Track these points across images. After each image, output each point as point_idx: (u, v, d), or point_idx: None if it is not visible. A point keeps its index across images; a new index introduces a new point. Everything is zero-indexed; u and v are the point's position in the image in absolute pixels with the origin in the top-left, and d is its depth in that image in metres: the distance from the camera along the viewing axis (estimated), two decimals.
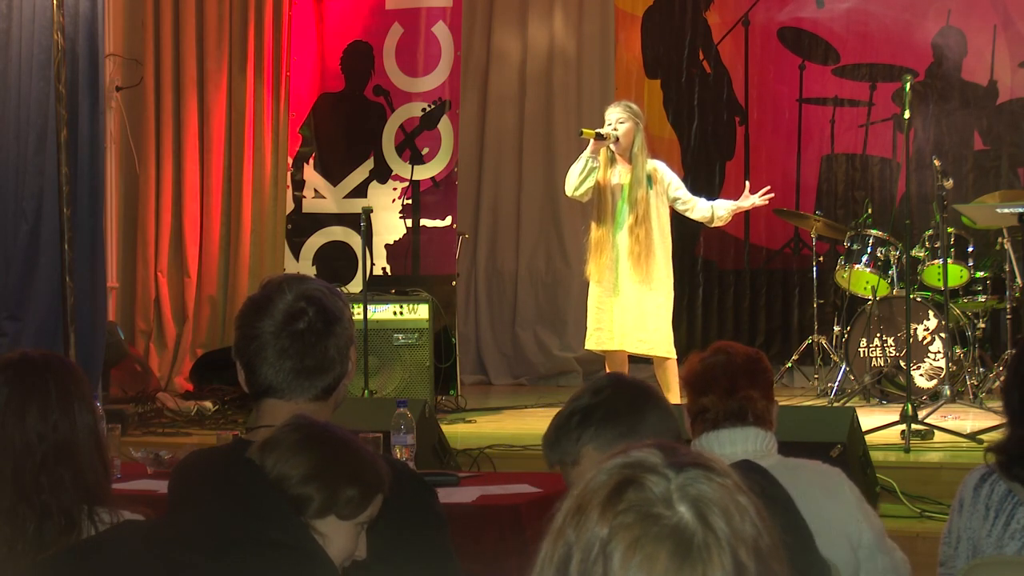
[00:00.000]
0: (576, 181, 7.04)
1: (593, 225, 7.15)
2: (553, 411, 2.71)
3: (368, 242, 8.10)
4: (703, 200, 7.19)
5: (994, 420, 6.40)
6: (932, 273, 7.78)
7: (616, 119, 7.02)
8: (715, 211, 7.16)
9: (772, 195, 7.34)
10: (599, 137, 7.00)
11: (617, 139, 7.02)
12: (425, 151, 8.48)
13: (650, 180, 7.05)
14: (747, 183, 7.45)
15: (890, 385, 7.84)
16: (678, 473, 1.21)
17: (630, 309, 7.01)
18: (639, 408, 2.59)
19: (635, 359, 7.33)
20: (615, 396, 2.61)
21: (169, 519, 2.51)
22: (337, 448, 2.39)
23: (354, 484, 2.36)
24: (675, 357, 7.06)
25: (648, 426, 2.55)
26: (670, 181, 7.12)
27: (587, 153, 7.03)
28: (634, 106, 7.18)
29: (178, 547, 2.36)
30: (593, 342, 7.18)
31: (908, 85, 6.50)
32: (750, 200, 7.25)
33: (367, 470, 2.39)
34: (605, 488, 1.21)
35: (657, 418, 2.58)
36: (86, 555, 2.55)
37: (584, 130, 7.11)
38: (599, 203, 7.10)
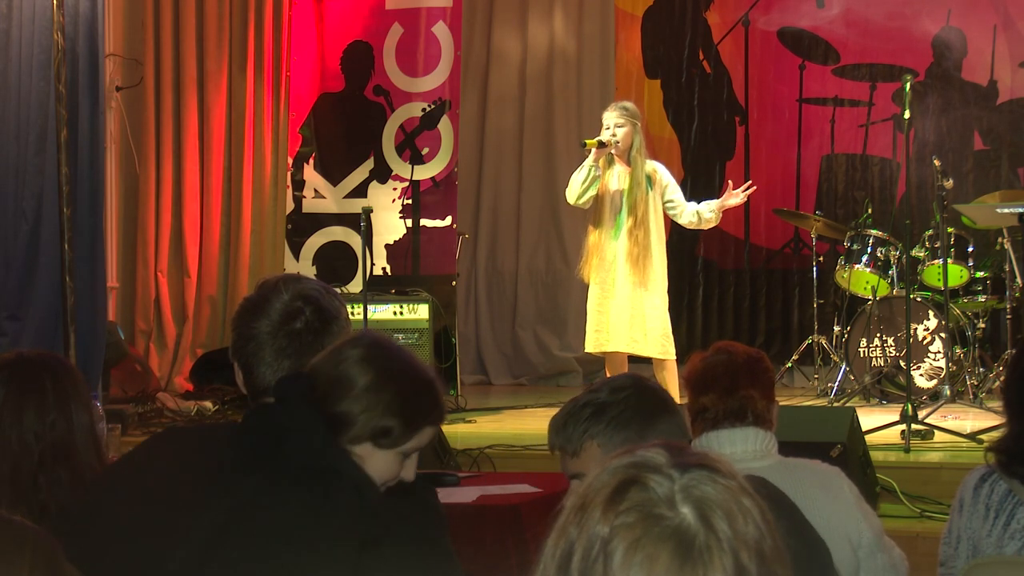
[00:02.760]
0: (580, 189, 7.01)
1: (591, 228, 7.13)
2: (553, 411, 2.68)
3: (368, 242, 8.09)
4: (690, 204, 7.10)
5: (994, 420, 6.40)
6: (932, 273, 7.78)
7: (613, 123, 7.00)
8: (701, 214, 7.08)
9: (754, 189, 7.24)
10: (601, 145, 6.98)
11: (618, 143, 7.00)
12: (425, 151, 8.48)
13: (650, 181, 7.04)
14: (729, 182, 7.36)
15: (890, 385, 7.84)
16: (683, 474, 1.21)
17: (627, 311, 7.00)
18: (653, 416, 2.56)
19: (635, 360, 7.33)
20: (633, 399, 2.56)
21: (206, 431, 2.49)
22: (395, 373, 2.33)
23: (398, 415, 2.30)
24: (674, 358, 7.06)
25: (657, 435, 2.52)
26: (667, 184, 7.10)
27: (589, 161, 7.00)
28: (631, 107, 7.14)
29: (208, 460, 2.33)
30: (592, 344, 7.15)
31: (908, 85, 6.50)
32: (734, 198, 7.13)
33: (420, 400, 2.33)
34: (608, 487, 1.20)
35: (667, 429, 2.56)
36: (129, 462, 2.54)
37: (587, 140, 7.08)
38: (598, 207, 7.09)
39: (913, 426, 6.20)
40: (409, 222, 8.48)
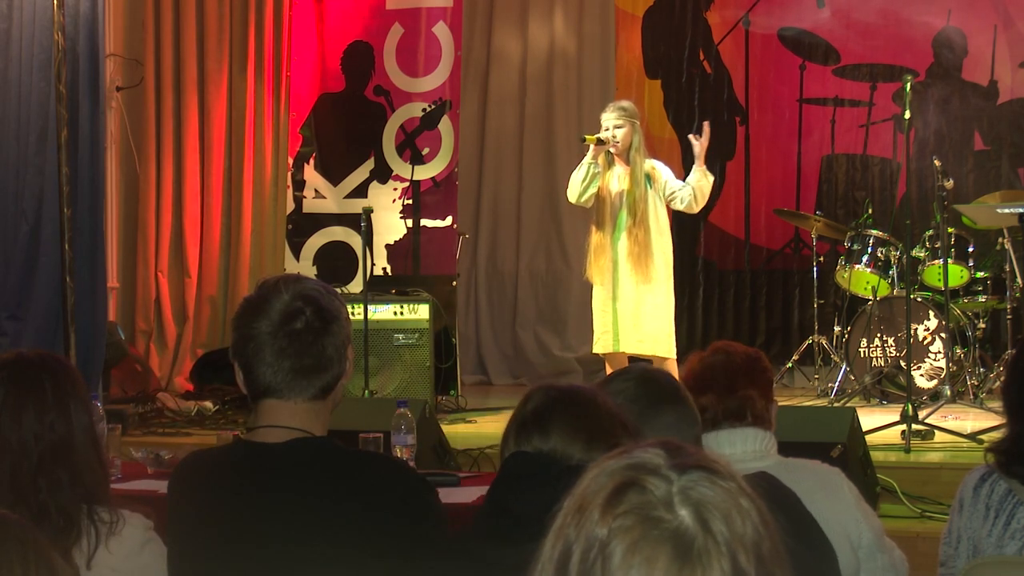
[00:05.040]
0: (580, 188, 6.99)
1: (593, 228, 7.12)
2: None
3: (368, 242, 8.09)
4: (683, 189, 7.05)
5: (994, 420, 6.40)
6: (932, 273, 7.77)
7: (612, 124, 6.99)
8: (692, 186, 6.99)
9: (709, 128, 7.20)
10: (600, 142, 6.97)
11: (617, 143, 7.00)
12: (425, 151, 8.48)
13: (649, 180, 7.03)
14: (690, 136, 7.30)
15: (890, 385, 7.84)
16: (680, 475, 1.21)
17: (629, 310, 6.99)
18: (653, 406, 2.56)
19: (635, 359, 7.32)
20: (632, 389, 2.59)
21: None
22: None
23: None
24: (675, 357, 7.05)
25: (662, 425, 2.52)
26: (666, 180, 7.09)
27: (588, 159, 6.99)
28: (628, 106, 7.13)
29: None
30: (600, 346, 7.09)
31: (908, 85, 6.50)
32: (697, 145, 7.08)
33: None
34: (606, 489, 1.20)
35: (671, 421, 2.56)
36: None
37: (586, 136, 7.07)
38: (599, 208, 7.08)
39: (913, 426, 6.20)
40: (409, 222, 8.48)
